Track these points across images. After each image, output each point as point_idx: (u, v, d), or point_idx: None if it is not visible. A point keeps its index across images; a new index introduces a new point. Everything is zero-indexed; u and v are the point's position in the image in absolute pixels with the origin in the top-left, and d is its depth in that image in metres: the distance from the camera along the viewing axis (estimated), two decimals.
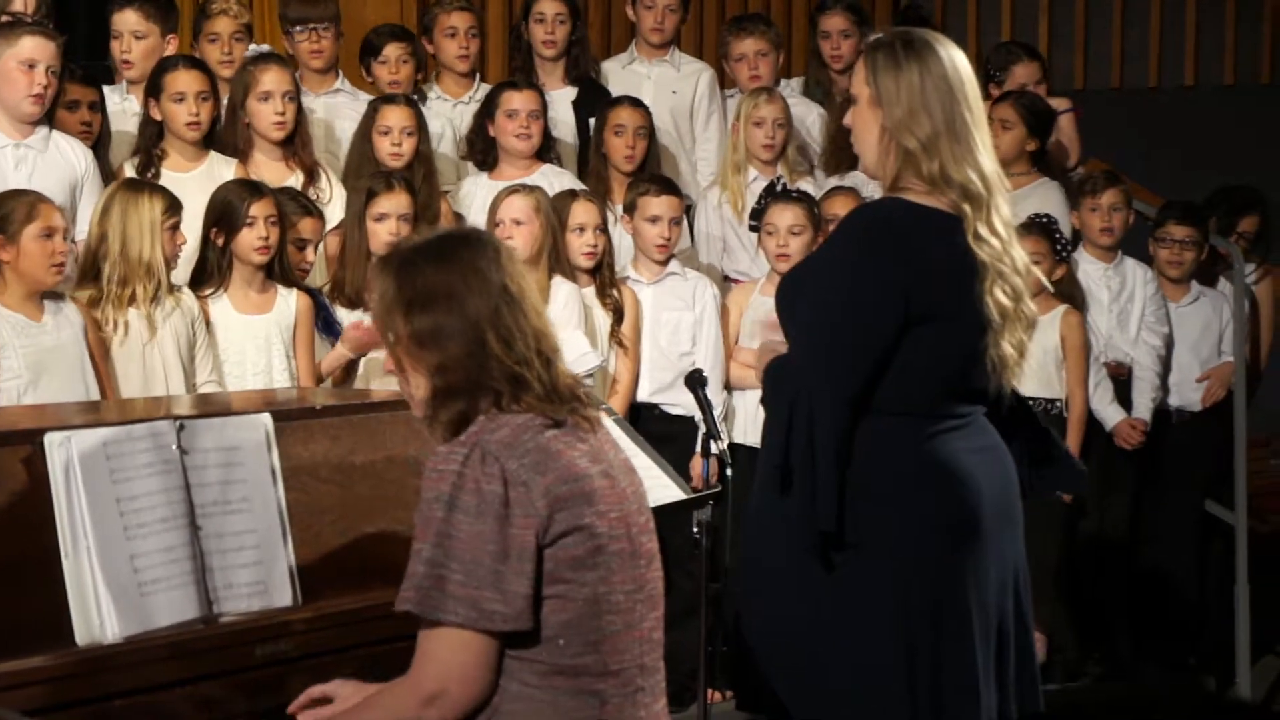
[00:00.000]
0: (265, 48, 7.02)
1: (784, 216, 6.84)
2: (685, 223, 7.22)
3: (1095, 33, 10.42)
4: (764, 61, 7.93)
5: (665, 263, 6.89)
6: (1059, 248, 7.06)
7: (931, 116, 4.11)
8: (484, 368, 3.47)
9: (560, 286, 6.52)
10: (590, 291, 6.71)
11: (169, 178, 6.44)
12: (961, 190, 4.11)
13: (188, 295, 6.03)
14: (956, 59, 4.19)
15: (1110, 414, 7.30)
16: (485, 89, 7.45)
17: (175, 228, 5.91)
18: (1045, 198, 7.51)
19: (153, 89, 6.56)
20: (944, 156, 4.11)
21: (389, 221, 6.38)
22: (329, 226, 6.60)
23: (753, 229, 7.08)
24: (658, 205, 6.82)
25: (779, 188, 7.05)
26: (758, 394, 4.31)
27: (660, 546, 3.72)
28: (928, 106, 4.12)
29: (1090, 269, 7.42)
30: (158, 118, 6.55)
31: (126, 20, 6.97)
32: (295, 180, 6.68)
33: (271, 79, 6.69)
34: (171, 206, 5.90)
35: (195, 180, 6.47)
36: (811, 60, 8.30)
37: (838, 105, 7.92)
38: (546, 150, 7.26)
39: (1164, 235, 7.61)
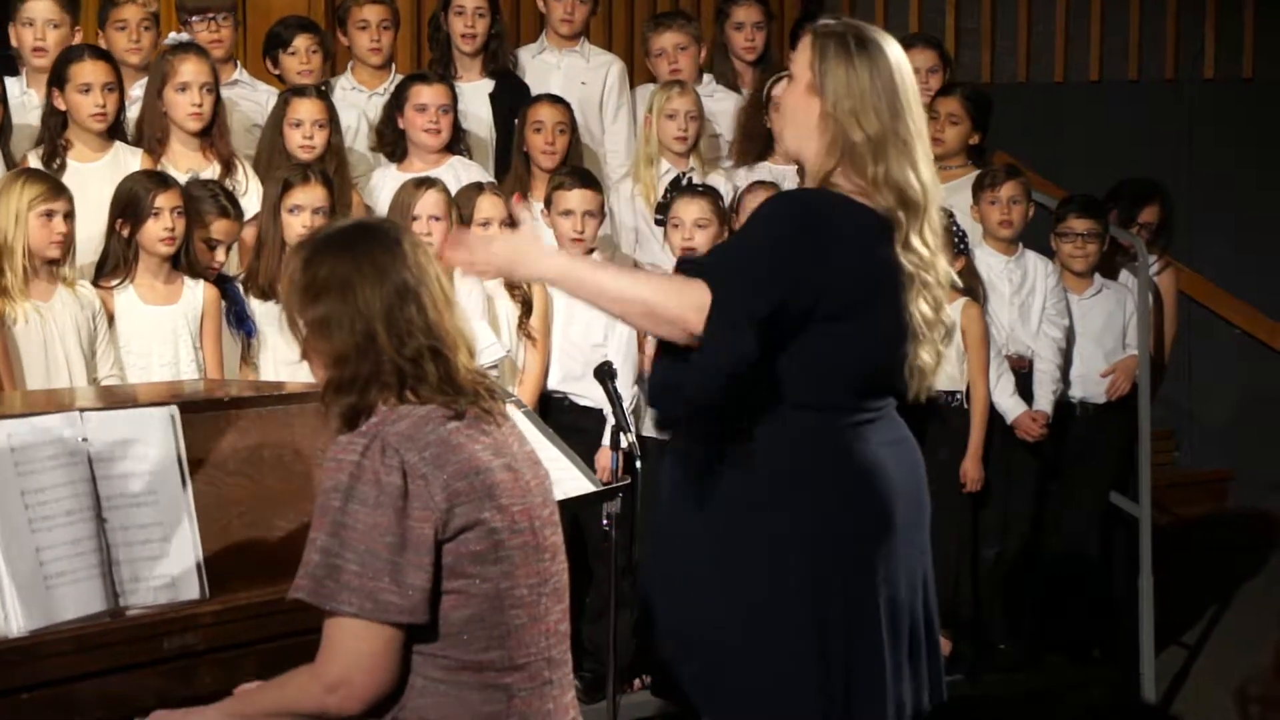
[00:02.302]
0: (185, 37, 6.96)
1: (689, 210, 6.86)
2: (607, 215, 7.18)
3: (1001, 28, 10.48)
4: (684, 55, 7.95)
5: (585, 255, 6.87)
6: (956, 240, 7.09)
7: (880, 117, 4.10)
8: (374, 362, 3.48)
9: (462, 278, 6.50)
10: (497, 283, 6.69)
11: (74, 169, 6.40)
12: (899, 195, 4.08)
13: (86, 287, 5.98)
14: (903, 64, 4.15)
15: (1011, 406, 7.34)
16: (400, 80, 7.42)
17: (50, 215, 5.83)
18: None
19: (57, 79, 6.49)
20: (889, 159, 4.09)
21: (304, 214, 6.34)
22: (247, 216, 6.54)
23: (659, 223, 7.09)
24: (571, 199, 6.81)
25: (684, 181, 7.06)
26: None
27: (578, 539, 3.73)
28: (876, 107, 4.10)
29: (992, 262, 7.46)
30: (62, 108, 6.49)
31: (40, 9, 6.88)
32: (212, 171, 6.63)
33: (190, 70, 6.63)
34: (46, 194, 5.82)
35: (101, 171, 6.44)
36: (717, 53, 8.30)
37: (746, 96, 7.96)
38: (456, 142, 7.24)
39: (1066, 230, 7.65)
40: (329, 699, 3.42)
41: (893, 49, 4.16)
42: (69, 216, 5.89)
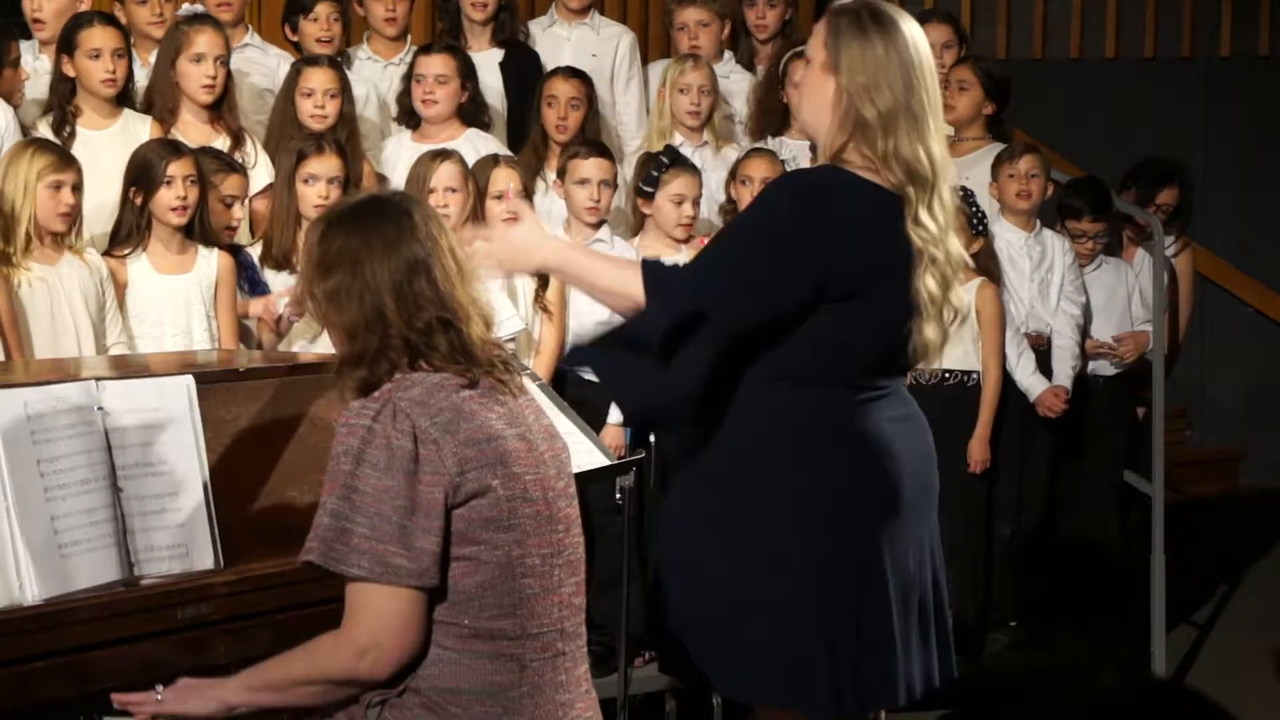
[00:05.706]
0: (199, 8, 6.92)
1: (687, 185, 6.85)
2: (620, 187, 7.16)
3: (1017, 4, 10.46)
4: (704, 31, 7.92)
5: (597, 226, 6.84)
6: (974, 221, 7.08)
7: (893, 91, 4.10)
8: (384, 335, 3.50)
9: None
10: None
11: (83, 136, 6.40)
12: (908, 170, 4.08)
13: (94, 255, 5.96)
14: (919, 40, 4.16)
15: (1034, 384, 7.32)
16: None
17: (58, 186, 5.80)
18: None
19: (66, 45, 6.46)
20: (899, 134, 4.09)
21: (319, 184, 6.32)
22: (253, 189, 6.53)
23: (648, 195, 6.98)
24: (587, 168, 6.79)
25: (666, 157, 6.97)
26: None
27: (587, 513, 3.72)
28: (890, 82, 4.10)
29: (1011, 238, 7.44)
30: (71, 74, 6.46)
31: None
32: (221, 144, 6.59)
33: (205, 41, 6.59)
34: (55, 165, 5.79)
35: (110, 138, 6.43)
36: (741, 29, 8.30)
37: (761, 73, 7.94)
38: (476, 114, 7.21)
39: (1079, 232, 7.62)
40: (360, 664, 3.42)
41: (909, 25, 4.18)
42: (77, 188, 5.85)
